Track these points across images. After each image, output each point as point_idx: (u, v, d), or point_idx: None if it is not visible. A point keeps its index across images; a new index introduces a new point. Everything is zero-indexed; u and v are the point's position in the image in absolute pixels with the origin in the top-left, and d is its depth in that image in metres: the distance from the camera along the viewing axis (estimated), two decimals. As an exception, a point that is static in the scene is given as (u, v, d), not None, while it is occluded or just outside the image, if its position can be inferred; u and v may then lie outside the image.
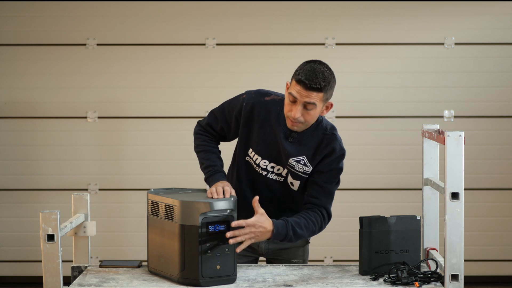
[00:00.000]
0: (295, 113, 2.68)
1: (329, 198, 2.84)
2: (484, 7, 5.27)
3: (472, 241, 5.23)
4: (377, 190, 5.30)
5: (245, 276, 2.74)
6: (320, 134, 2.80)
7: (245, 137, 2.85)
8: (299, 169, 2.81)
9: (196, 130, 2.98)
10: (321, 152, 2.78)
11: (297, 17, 5.27)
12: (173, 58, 5.26)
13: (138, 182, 5.29)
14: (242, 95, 2.86)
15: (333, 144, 2.79)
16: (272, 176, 2.86)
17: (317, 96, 2.65)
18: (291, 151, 2.79)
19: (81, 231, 2.95)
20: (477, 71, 5.29)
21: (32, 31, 5.25)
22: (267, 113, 2.81)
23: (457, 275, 2.53)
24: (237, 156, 2.91)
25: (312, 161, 2.80)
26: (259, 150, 2.83)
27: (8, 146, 5.29)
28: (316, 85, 2.63)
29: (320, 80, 2.64)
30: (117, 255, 5.22)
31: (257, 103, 2.82)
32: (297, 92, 2.65)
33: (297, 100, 2.66)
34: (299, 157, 2.80)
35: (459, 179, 2.51)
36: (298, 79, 2.64)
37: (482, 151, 5.30)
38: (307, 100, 2.65)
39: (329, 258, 5.31)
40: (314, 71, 2.64)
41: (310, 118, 2.71)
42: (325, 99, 2.69)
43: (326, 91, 2.67)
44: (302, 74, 2.64)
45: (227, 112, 2.88)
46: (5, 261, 5.32)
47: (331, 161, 2.79)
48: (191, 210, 2.58)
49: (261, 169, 2.86)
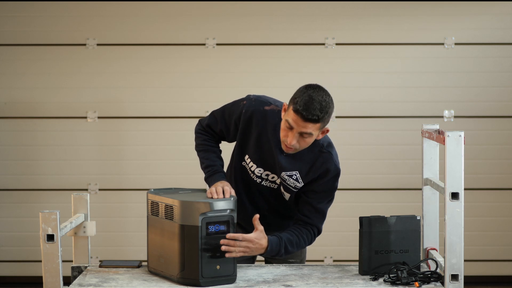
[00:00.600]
0: (291, 140, 2.67)
1: (321, 218, 2.87)
2: (484, 7, 5.27)
3: (472, 241, 5.23)
4: (377, 190, 5.30)
5: (245, 276, 2.74)
6: (316, 150, 2.79)
7: (242, 143, 2.87)
8: (290, 183, 2.82)
9: (197, 129, 2.99)
10: (316, 170, 2.79)
11: (297, 17, 5.27)
12: (173, 58, 5.26)
13: (138, 182, 5.28)
14: (243, 101, 2.85)
15: (328, 164, 2.78)
16: (266, 184, 2.88)
17: (313, 126, 2.64)
18: (285, 165, 2.79)
19: (81, 231, 2.95)
20: (477, 71, 5.29)
21: (32, 31, 5.25)
22: (265, 123, 2.80)
23: (457, 275, 2.53)
24: (234, 159, 2.93)
25: (305, 177, 2.80)
26: (255, 158, 2.85)
27: (8, 146, 5.29)
28: (313, 117, 2.61)
29: (318, 112, 2.61)
30: (117, 255, 5.22)
31: (257, 112, 2.81)
32: (294, 122, 2.63)
33: (294, 128, 2.65)
34: (291, 172, 2.80)
35: (459, 179, 2.51)
36: (296, 109, 2.61)
37: (482, 151, 5.30)
38: (304, 131, 2.64)
39: (329, 258, 5.31)
40: (313, 101, 2.60)
41: (305, 144, 2.70)
42: (322, 127, 2.68)
43: (324, 121, 2.65)
44: (300, 104, 2.60)
45: (227, 116, 2.88)
46: (5, 261, 5.32)
47: (326, 181, 2.80)
48: (191, 210, 2.58)
49: (255, 176, 2.88)
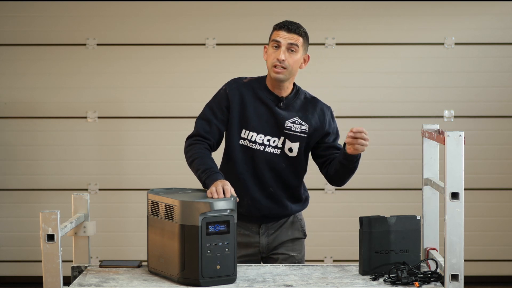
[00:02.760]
0: (280, 55, 2.90)
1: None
2: (484, 7, 5.27)
3: (472, 241, 5.23)
4: (377, 190, 5.30)
5: (245, 276, 2.74)
6: (302, 98, 3.04)
7: (238, 120, 2.97)
8: (297, 129, 2.99)
9: (185, 145, 3.00)
10: (312, 112, 3.03)
11: (297, 17, 5.20)
12: (173, 58, 5.26)
13: (138, 182, 5.29)
14: (222, 88, 3.03)
15: (319, 105, 3.06)
16: (270, 150, 2.98)
17: (298, 39, 2.93)
18: (284, 114, 2.97)
19: (81, 231, 2.95)
20: (477, 71, 5.29)
21: (32, 31, 5.25)
22: (252, 90, 2.99)
23: (457, 275, 2.53)
24: (229, 147, 2.99)
25: (307, 120, 3.01)
26: (254, 126, 2.97)
27: (8, 146, 5.29)
28: (297, 28, 2.93)
29: (299, 26, 2.95)
30: (117, 255, 5.22)
31: (240, 86, 3.01)
32: (281, 36, 2.91)
33: (281, 43, 2.91)
34: (293, 118, 2.99)
35: (459, 179, 2.51)
36: (279, 26, 2.93)
37: (482, 151, 5.30)
38: (291, 41, 2.92)
39: (329, 258, 5.31)
40: (291, 21, 2.94)
41: (292, 62, 2.92)
42: (304, 48, 2.96)
43: (304, 38, 2.95)
44: (282, 23, 2.93)
45: (217, 107, 2.99)
46: (5, 261, 5.33)
47: (329, 120, 3.06)
48: (191, 210, 2.58)
49: (258, 145, 2.98)
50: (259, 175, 2.99)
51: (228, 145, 3.00)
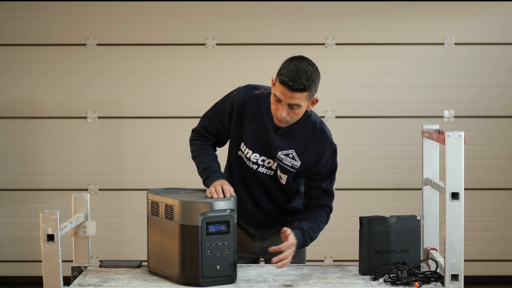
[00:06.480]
0: (281, 112, 2.71)
1: (330, 197, 2.92)
2: (484, 7, 5.27)
3: (472, 241, 5.23)
4: (377, 190, 5.30)
5: (245, 276, 2.74)
6: (310, 128, 2.83)
7: (237, 132, 2.88)
8: (287, 163, 2.84)
9: (191, 138, 2.99)
10: (312, 149, 2.82)
11: (297, 17, 5.27)
12: (173, 58, 5.26)
13: (138, 182, 5.29)
14: (233, 92, 2.90)
15: (324, 142, 2.82)
16: (263, 170, 2.88)
17: (301, 96, 2.67)
18: (280, 144, 2.82)
19: (81, 231, 2.95)
20: (477, 71, 5.29)
21: (32, 31, 5.25)
22: (257, 107, 2.84)
23: (457, 275, 2.53)
24: (230, 152, 2.94)
25: (302, 156, 2.82)
26: (250, 143, 2.86)
27: (8, 146, 5.29)
28: (299, 86, 2.65)
29: (304, 81, 2.64)
30: (117, 255, 5.22)
31: (248, 97, 2.85)
32: (282, 94, 2.67)
33: (282, 100, 2.69)
34: (287, 151, 2.82)
35: (459, 179, 2.51)
36: (282, 80, 2.66)
37: (482, 151, 5.30)
38: (291, 102, 2.68)
39: (329, 258, 5.31)
40: (298, 71, 2.64)
41: (295, 116, 2.74)
42: (310, 96, 2.72)
43: (310, 89, 2.68)
44: (286, 75, 2.65)
45: (220, 111, 2.90)
46: (5, 261, 5.32)
47: (326, 161, 2.83)
48: (191, 210, 2.58)
49: (251, 163, 2.88)
50: (251, 191, 2.92)
51: (229, 153, 2.94)
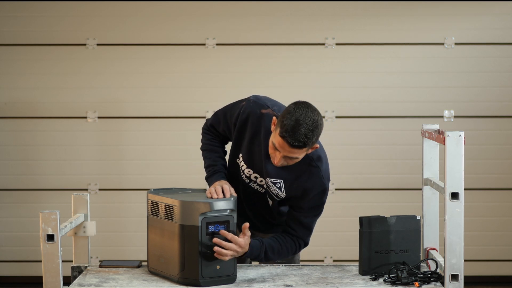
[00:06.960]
0: (277, 161, 2.64)
1: (307, 231, 2.83)
2: (484, 7, 5.27)
3: (472, 241, 5.23)
4: (377, 190, 5.30)
5: (245, 276, 2.74)
6: (305, 163, 2.73)
7: (238, 142, 2.86)
8: (273, 191, 2.80)
9: (203, 128, 3.01)
10: (301, 184, 2.75)
11: (297, 17, 5.27)
12: (173, 58, 5.26)
13: (138, 182, 5.28)
14: (243, 102, 2.84)
15: (314, 180, 2.74)
16: (254, 186, 2.86)
17: (300, 151, 2.60)
18: (270, 171, 2.76)
19: (81, 231, 2.95)
20: (477, 71, 5.29)
21: (32, 31, 5.25)
22: (258, 127, 2.77)
23: (457, 275, 2.53)
24: (230, 155, 2.93)
25: (289, 188, 2.76)
26: (246, 159, 2.83)
27: (8, 146, 5.28)
28: (299, 143, 2.56)
29: (304, 138, 2.55)
30: (117, 255, 5.22)
31: (253, 114, 2.78)
32: (280, 146, 2.59)
33: (280, 151, 2.62)
34: (276, 180, 2.77)
35: (459, 179, 2.52)
36: (282, 135, 2.56)
37: (482, 151, 5.30)
38: (290, 156, 2.61)
39: (329, 258, 5.31)
40: (299, 126, 2.54)
41: (292, 163, 2.67)
42: (309, 148, 2.63)
43: (311, 144, 2.60)
44: (287, 130, 2.55)
45: (229, 116, 2.88)
46: (5, 261, 5.32)
47: (311, 198, 2.76)
48: (191, 210, 2.58)
49: (245, 177, 2.86)
50: (243, 200, 2.90)
51: (230, 155, 2.93)
